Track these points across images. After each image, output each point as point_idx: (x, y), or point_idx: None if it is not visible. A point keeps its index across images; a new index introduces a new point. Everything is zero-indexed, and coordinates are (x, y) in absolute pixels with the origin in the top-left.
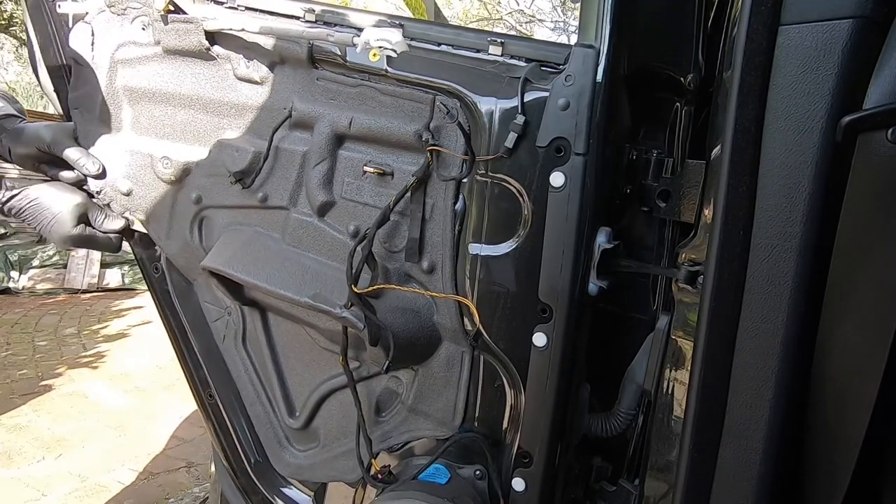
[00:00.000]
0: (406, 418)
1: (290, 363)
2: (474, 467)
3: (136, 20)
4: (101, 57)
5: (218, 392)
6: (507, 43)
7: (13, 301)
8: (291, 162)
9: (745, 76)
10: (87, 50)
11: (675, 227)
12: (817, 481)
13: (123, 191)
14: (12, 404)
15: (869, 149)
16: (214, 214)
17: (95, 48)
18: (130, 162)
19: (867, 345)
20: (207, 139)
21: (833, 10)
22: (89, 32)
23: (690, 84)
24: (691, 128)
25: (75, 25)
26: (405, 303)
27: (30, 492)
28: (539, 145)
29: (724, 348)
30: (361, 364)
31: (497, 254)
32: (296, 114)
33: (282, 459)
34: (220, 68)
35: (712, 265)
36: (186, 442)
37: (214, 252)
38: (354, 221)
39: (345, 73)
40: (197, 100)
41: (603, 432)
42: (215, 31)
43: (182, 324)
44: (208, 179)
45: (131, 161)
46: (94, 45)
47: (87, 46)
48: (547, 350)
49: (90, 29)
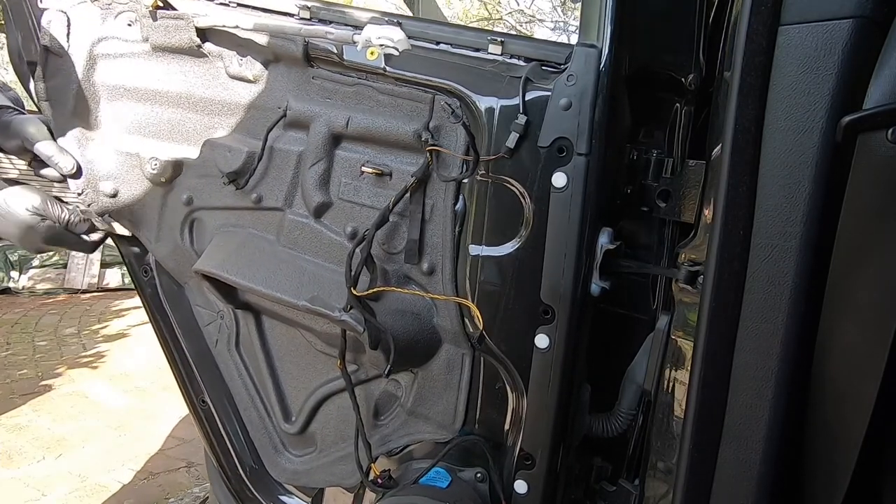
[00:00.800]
0: (405, 421)
1: (286, 367)
2: (475, 470)
3: (120, 15)
4: (78, 49)
5: (211, 397)
6: (506, 42)
7: (13, 301)
8: (287, 162)
9: (745, 76)
10: (62, 40)
11: (675, 227)
12: (817, 481)
13: (108, 192)
14: (12, 404)
15: (869, 149)
16: (206, 216)
17: (71, 39)
18: (116, 162)
19: (867, 345)
20: (198, 139)
21: (833, 10)
22: (65, 22)
23: (691, 84)
24: (691, 128)
25: (48, 12)
26: (405, 305)
27: (30, 492)
28: (541, 145)
29: (724, 348)
30: (360, 367)
31: (498, 255)
32: (291, 113)
33: (278, 465)
34: (211, 66)
35: (712, 265)
36: (186, 442)
37: (207, 255)
38: (352, 223)
39: (341, 72)
40: (187, 98)
41: (603, 432)
42: (207, 28)
43: (173, 327)
44: (200, 180)
45: (117, 161)
46: (69, 36)
47: (61, 36)
48: (549, 351)
49: (66, 18)
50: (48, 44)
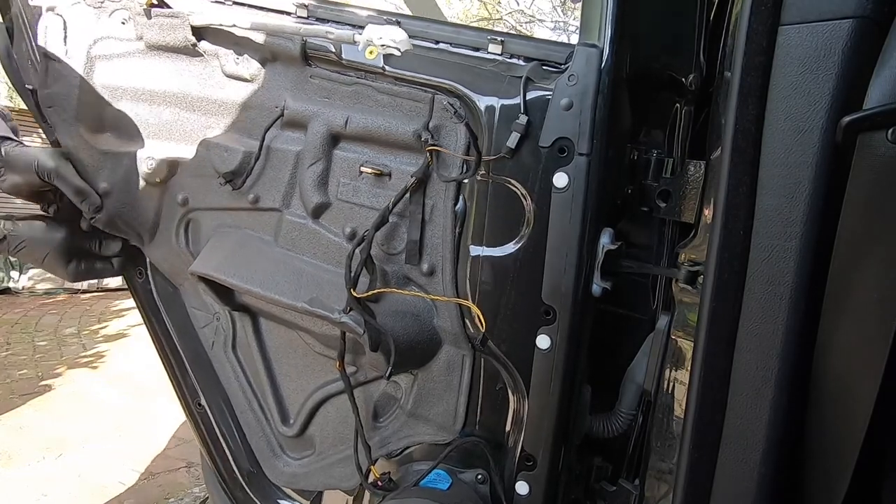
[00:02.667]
0: (405, 423)
1: (284, 369)
2: (476, 472)
3: (114, 14)
4: (76, 52)
5: (207, 400)
6: (506, 41)
7: (13, 301)
8: (284, 162)
9: (745, 76)
10: (60, 44)
11: (675, 227)
12: (817, 482)
13: (99, 190)
14: (12, 404)
15: (869, 149)
16: (202, 217)
17: (69, 42)
18: (110, 161)
19: (867, 345)
20: (194, 138)
21: (833, 10)
22: (61, 25)
23: (691, 84)
24: (691, 128)
25: (44, 16)
26: (405, 306)
27: (30, 492)
28: (542, 145)
29: (724, 348)
30: (359, 369)
31: (499, 255)
32: (288, 112)
33: (275, 468)
34: (207, 65)
35: (712, 265)
36: (186, 442)
37: (203, 256)
38: (351, 223)
39: (340, 71)
40: (183, 98)
41: (604, 432)
42: (202, 27)
43: (168, 330)
44: (195, 180)
45: (112, 160)
46: (66, 39)
47: (58, 40)
48: (551, 352)
49: (62, 21)
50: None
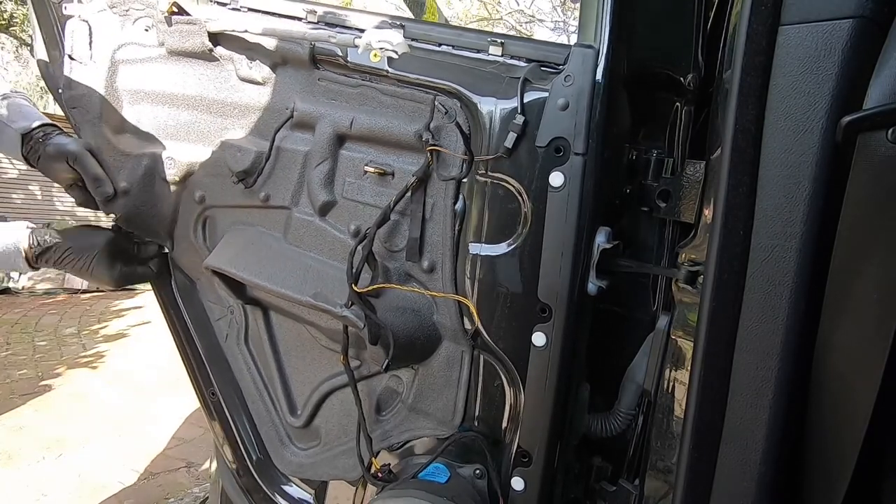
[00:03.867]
0: (406, 417)
1: (292, 362)
2: (474, 466)
3: (138, 21)
4: (101, 56)
5: (220, 390)
6: (507, 43)
7: (13, 301)
8: (293, 162)
9: (745, 76)
10: (85, 48)
11: (675, 227)
12: (817, 481)
13: (119, 189)
14: (12, 404)
15: (869, 149)
16: (218, 214)
17: (94, 47)
18: (131, 161)
19: (867, 345)
20: (211, 139)
21: (833, 10)
22: (87, 31)
23: (690, 84)
24: (691, 128)
25: (71, 21)
26: (405, 302)
27: (30, 492)
28: (538, 145)
29: (724, 348)
30: (362, 363)
31: (497, 253)
32: (297, 114)
33: (283, 457)
34: (223, 69)
35: (712, 265)
36: (186, 442)
37: (217, 251)
38: (355, 221)
39: (346, 74)
40: (200, 101)
41: (603, 432)
42: (218, 33)
43: (185, 322)
44: (212, 179)
45: (132, 161)
46: (91, 44)
47: (84, 44)
48: (546, 350)
49: (87, 27)
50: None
